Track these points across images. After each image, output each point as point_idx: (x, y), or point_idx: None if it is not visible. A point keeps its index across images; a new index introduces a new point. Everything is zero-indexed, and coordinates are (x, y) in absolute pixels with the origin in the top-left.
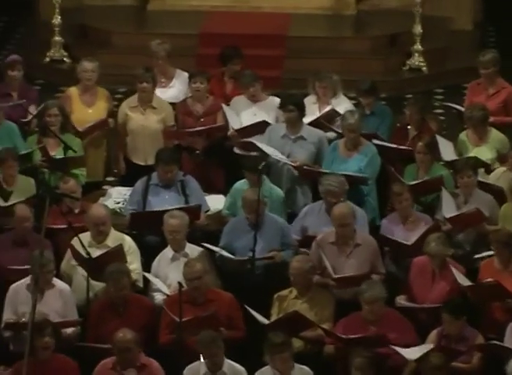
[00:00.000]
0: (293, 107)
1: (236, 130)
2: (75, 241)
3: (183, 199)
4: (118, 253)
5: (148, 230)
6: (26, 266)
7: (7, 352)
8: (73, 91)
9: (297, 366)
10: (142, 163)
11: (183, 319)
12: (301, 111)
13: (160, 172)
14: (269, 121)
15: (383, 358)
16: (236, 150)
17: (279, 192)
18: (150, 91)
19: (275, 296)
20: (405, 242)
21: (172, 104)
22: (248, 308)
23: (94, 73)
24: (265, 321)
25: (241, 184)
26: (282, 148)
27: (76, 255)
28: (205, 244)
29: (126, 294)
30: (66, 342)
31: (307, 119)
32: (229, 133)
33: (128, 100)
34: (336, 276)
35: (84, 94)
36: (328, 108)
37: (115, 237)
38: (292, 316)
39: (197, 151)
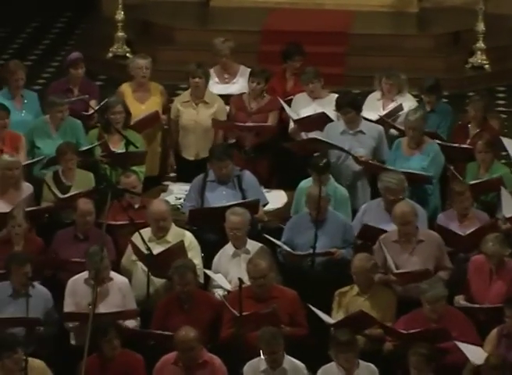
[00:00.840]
0: (349, 108)
1: (296, 121)
2: (135, 237)
3: (240, 194)
4: (179, 250)
5: (207, 227)
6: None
7: (67, 346)
8: (126, 87)
9: (362, 363)
10: (193, 158)
11: (243, 314)
12: (357, 109)
13: (215, 168)
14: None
15: (443, 354)
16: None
17: (344, 191)
18: (202, 86)
19: (336, 293)
20: (460, 233)
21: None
22: (312, 307)
23: (147, 70)
24: (330, 320)
25: (305, 183)
26: (342, 144)
27: (137, 250)
28: (267, 236)
29: (192, 290)
30: (127, 336)
31: (370, 115)
32: (289, 129)
33: (180, 96)
34: (397, 271)
35: (137, 90)
36: (393, 105)
37: (175, 233)
38: (358, 315)
39: (246, 148)
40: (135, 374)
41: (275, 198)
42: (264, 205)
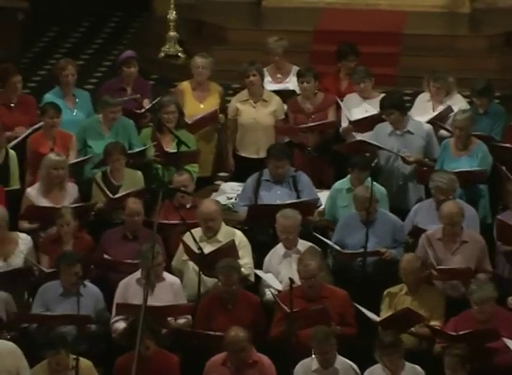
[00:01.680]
0: (392, 109)
1: (352, 122)
2: (187, 236)
3: (295, 195)
4: (230, 249)
5: (258, 226)
6: (135, 261)
7: (115, 345)
8: (186, 85)
9: (408, 365)
10: (254, 156)
11: (296, 309)
12: (401, 109)
13: (271, 167)
14: None
15: (492, 354)
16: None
17: (382, 190)
18: (258, 83)
19: (386, 292)
20: None
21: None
22: (358, 306)
23: (206, 70)
24: (376, 318)
25: (340, 184)
26: (390, 145)
27: (188, 250)
28: (318, 236)
29: (236, 290)
30: (175, 333)
31: (420, 117)
32: (340, 129)
33: (238, 95)
34: (439, 267)
35: (196, 89)
36: (443, 107)
37: (226, 232)
38: (404, 312)
39: (309, 148)
40: (170, 374)
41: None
42: (318, 207)
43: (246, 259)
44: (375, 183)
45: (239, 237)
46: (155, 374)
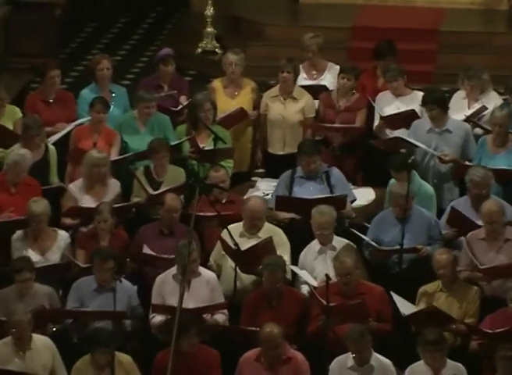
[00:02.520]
0: (434, 105)
1: (383, 118)
2: (225, 232)
3: (328, 190)
4: (267, 246)
5: (295, 224)
6: (171, 256)
7: (154, 341)
8: (218, 83)
9: (450, 362)
10: (279, 152)
11: (333, 304)
12: (443, 106)
13: (304, 164)
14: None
15: None
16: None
17: (429, 188)
18: (290, 81)
19: (420, 290)
20: None
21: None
22: (394, 294)
23: (239, 66)
24: (405, 311)
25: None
26: (428, 143)
27: (226, 246)
28: (355, 231)
29: (280, 287)
30: (215, 330)
31: (456, 115)
32: (374, 127)
33: (269, 91)
34: (483, 267)
35: (229, 86)
36: (478, 106)
37: (267, 230)
38: (430, 310)
39: (333, 145)
40: (210, 369)
41: (363, 196)
42: (352, 202)
43: (284, 257)
44: (424, 182)
45: (279, 234)
46: (196, 369)
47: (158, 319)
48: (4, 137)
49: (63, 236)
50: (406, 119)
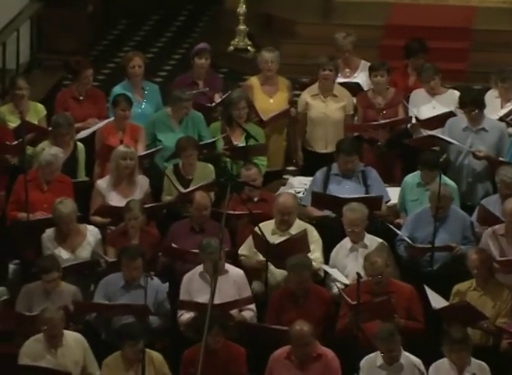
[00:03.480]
0: (473, 107)
1: (420, 121)
2: (256, 231)
3: (364, 189)
4: (301, 239)
5: (326, 222)
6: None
7: (183, 339)
8: (254, 80)
9: (474, 360)
10: (322, 151)
11: (361, 302)
12: (482, 107)
13: (341, 162)
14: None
15: None
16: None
17: (452, 185)
18: (331, 79)
19: (454, 289)
20: None
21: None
22: (427, 288)
23: (274, 64)
24: (436, 306)
25: (411, 178)
26: (463, 141)
27: (258, 242)
28: (390, 226)
29: (306, 286)
30: (242, 326)
31: (489, 114)
32: (408, 125)
33: (309, 88)
34: (500, 259)
35: (265, 84)
36: (511, 106)
37: (299, 226)
38: (463, 306)
39: (379, 143)
40: (236, 366)
41: (395, 194)
42: (387, 202)
43: (317, 254)
44: (446, 178)
45: (311, 232)
46: (223, 366)
47: (186, 316)
48: (34, 135)
49: (93, 231)
50: (443, 120)
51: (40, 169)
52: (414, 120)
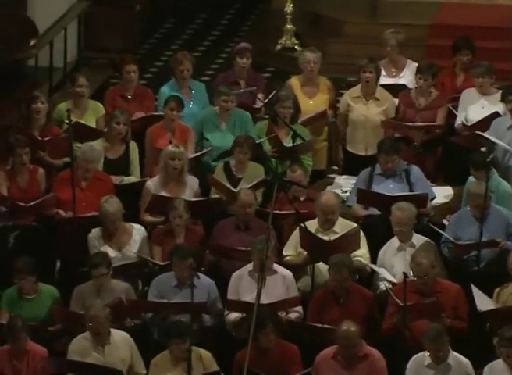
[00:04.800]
0: None
1: (467, 127)
2: (303, 226)
3: (408, 188)
4: (354, 236)
5: (373, 221)
6: (249, 248)
7: (231, 338)
8: (295, 81)
9: None
10: (362, 153)
11: (409, 303)
12: None
13: (382, 162)
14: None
15: None
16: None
17: (507, 187)
18: (373, 81)
19: (496, 289)
20: None
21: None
22: (474, 287)
23: (316, 64)
24: (482, 308)
25: (473, 179)
26: (509, 140)
27: (305, 240)
28: (433, 227)
29: (347, 285)
30: (288, 327)
31: None
32: (456, 124)
33: (351, 90)
34: None
35: (306, 84)
36: None
37: (342, 224)
38: (509, 310)
39: (414, 143)
40: (291, 364)
41: (441, 193)
42: (432, 200)
43: (363, 250)
44: (503, 180)
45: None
46: (277, 365)
47: (233, 315)
48: (85, 135)
49: (139, 230)
50: (489, 122)
51: (78, 164)
52: (458, 121)
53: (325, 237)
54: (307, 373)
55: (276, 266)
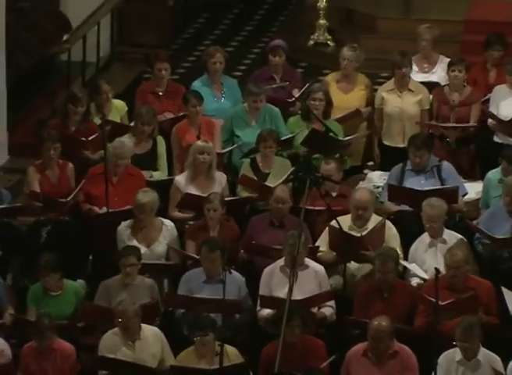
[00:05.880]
0: None
1: (500, 123)
2: (333, 225)
3: (439, 183)
4: (381, 229)
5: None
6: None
7: (262, 333)
8: (331, 77)
9: None
10: (400, 145)
11: (443, 303)
12: None
13: (411, 156)
14: None
15: None
16: (496, 139)
17: None
18: (407, 75)
19: None
20: None
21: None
22: (505, 289)
23: (353, 62)
24: None
25: (493, 174)
26: None
27: (335, 241)
28: (468, 222)
29: (391, 278)
30: (322, 323)
31: None
32: (488, 122)
33: (384, 85)
34: None
35: (342, 80)
36: None
37: (376, 221)
38: None
39: (448, 140)
40: (317, 360)
41: (473, 189)
42: (464, 196)
43: (397, 249)
44: None
45: (389, 227)
46: (303, 360)
47: (265, 311)
48: (117, 133)
49: (169, 226)
50: None
51: (109, 159)
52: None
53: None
54: (330, 362)
55: (308, 261)
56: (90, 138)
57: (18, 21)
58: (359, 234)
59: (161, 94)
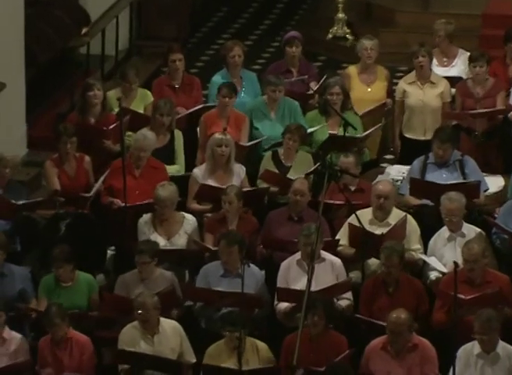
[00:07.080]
0: None
1: None
2: (352, 220)
3: (461, 178)
4: (402, 225)
5: (426, 211)
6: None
7: (280, 327)
8: (353, 69)
9: None
10: (421, 138)
11: (468, 297)
12: None
13: (434, 149)
14: None
15: None
16: None
17: None
18: (426, 65)
19: None
20: None
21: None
22: None
23: (373, 51)
24: None
25: None
26: None
27: (354, 237)
28: (486, 217)
29: (396, 273)
30: (341, 315)
31: None
32: (510, 115)
33: (405, 77)
34: None
35: (363, 72)
36: None
37: (397, 216)
38: None
39: (476, 132)
40: (339, 354)
41: (494, 183)
42: (485, 191)
43: (417, 245)
44: None
45: (410, 221)
46: (324, 354)
47: (283, 305)
48: (136, 122)
49: (189, 220)
50: None
51: (131, 152)
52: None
53: (378, 231)
54: (348, 354)
55: (324, 254)
56: (110, 127)
57: (37, 15)
58: (380, 233)
59: (177, 87)
